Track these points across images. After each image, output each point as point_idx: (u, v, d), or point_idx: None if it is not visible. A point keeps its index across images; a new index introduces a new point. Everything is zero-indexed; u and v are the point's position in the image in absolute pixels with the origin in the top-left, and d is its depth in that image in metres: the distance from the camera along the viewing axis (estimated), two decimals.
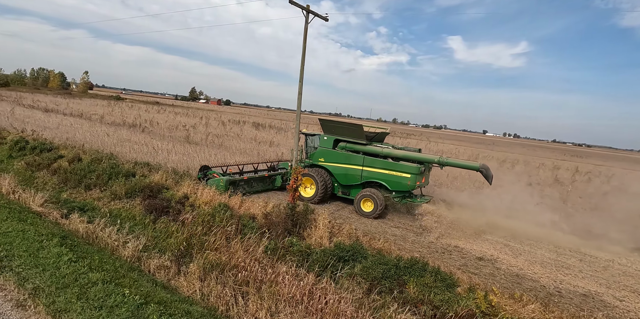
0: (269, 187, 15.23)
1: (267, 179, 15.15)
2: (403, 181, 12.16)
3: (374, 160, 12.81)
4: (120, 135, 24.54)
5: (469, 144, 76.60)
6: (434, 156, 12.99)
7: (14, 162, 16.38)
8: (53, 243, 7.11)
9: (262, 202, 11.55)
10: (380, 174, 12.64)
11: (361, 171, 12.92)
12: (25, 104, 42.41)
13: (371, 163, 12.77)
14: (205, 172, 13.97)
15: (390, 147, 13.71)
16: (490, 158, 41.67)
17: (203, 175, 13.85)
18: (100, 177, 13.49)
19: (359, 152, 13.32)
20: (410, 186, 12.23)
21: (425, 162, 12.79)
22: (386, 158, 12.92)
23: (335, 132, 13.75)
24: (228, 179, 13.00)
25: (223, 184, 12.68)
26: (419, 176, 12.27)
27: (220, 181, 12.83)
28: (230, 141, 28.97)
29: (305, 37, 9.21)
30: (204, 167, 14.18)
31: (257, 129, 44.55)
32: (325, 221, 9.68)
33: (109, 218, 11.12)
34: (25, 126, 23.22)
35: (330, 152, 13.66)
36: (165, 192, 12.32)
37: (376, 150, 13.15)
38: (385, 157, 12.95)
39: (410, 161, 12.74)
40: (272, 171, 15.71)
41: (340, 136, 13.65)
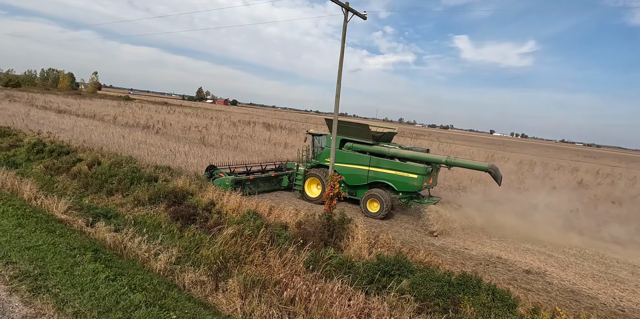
0: (276, 188, 15.12)
1: (274, 179, 15.02)
2: (410, 181, 11.95)
3: (381, 160, 12.58)
4: (136, 137, 24.24)
5: (480, 145, 75.67)
6: (441, 156, 12.67)
7: (32, 165, 16.08)
8: (87, 258, 6.69)
9: (292, 210, 11.07)
10: (387, 175, 12.41)
11: (368, 171, 12.73)
12: (38, 105, 42.41)
13: (378, 163, 12.55)
14: (211, 171, 13.94)
15: (397, 147, 13.45)
16: (506, 160, 40.90)
17: (210, 175, 13.82)
18: (122, 182, 13.10)
19: (366, 152, 13.11)
20: (417, 187, 11.97)
21: (432, 162, 12.54)
22: (393, 158, 12.70)
23: (342, 132, 13.46)
24: (233, 179, 12.94)
25: (228, 183, 12.62)
26: (426, 177, 12.03)
27: (225, 181, 12.79)
28: (245, 142, 28.60)
29: (344, 36, 8.72)
30: (211, 166, 14.16)
31: (268, 130, 44.15)
32: (363, 230, 9.16)
33: (134, 226, 10.75)
34: (40, 128, 23.01)
35: (337, 152, 13.41)
36: (191, 199, 11.89)
37: (383, 150, 12.90)
38: (392, 158, 12.73)
39: (417, 161, 12.50)
40: (280, 171, 15.61)
41: (347, 136, 13.43)
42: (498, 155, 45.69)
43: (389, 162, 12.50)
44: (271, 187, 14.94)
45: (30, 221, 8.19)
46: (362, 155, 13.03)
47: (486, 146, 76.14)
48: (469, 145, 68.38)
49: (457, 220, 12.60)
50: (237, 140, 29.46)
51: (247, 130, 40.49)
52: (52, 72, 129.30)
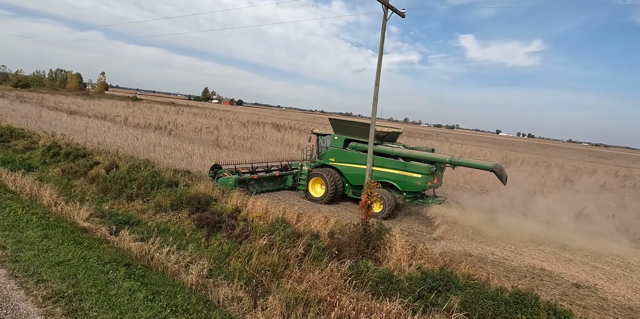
0: (280, 187, 15.13)
1: (278, 179, 15.03)
2: (414, 181, 11.87)
3: (385, 160, 12.51)
4: (149, 138, 23.91)
5: (489, 146, 74.74)
6: (445, 156, 12.51)
7: (48, 168, 15.77)
8: (120, 275, 6.28)
9: (321, 218, 10.59)
10: (391, 174, 12.36)
11: (371, 171, 12.41)
12: (49, 106, 42.35)
13: (382, 163, 12.48)
14: (216, 170, 13.97)
15: (402, 146, 13.33)
16: (521, 161, 40.16)
17: (214, 174, 13.84)
18: (142, 187, 12.72)
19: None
20: (421, 187, 11.87)
21: (436, 162, 12.38)
22: (397, 158, 12.60)
23: (346, 131, 13.50)
24: (237, 178, 12.97)
25: (232, 182, 12.71)
26: (430, 177, 11.93)
27: (229, 180, 12.85)
28: (258, 143, 28.20)
29: (383, 36, 8.25)
30: (215, 166, 14.15)
31: (278, 131, 43.72)
32: (402, 241, 8.67)
33: (157, 233, 10.35)
34: (54, 130, 22.76)
35: (341, 152, 13.45)
36: (215, 205, 11.48)
37: (387, 150, 12.82)
38: (396, 157, 12.63)
39: (421, 161, 12.36)
40: (285, 171, 15.63)
41: (351, 135, 13.39)
42: (512, 156, 44.90)
43: (393, 161, 12.42)
44: (275, 187, 14.94)
45: (56, 232, 7.80)
46: (365, 155, 12.63)
47: (496, 146, 75.22)
48: (479, 146, 67.55)
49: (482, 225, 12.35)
50: (250, 141, 29.06)
51: (258, 131, 40.10)
52: (61, 73, 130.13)
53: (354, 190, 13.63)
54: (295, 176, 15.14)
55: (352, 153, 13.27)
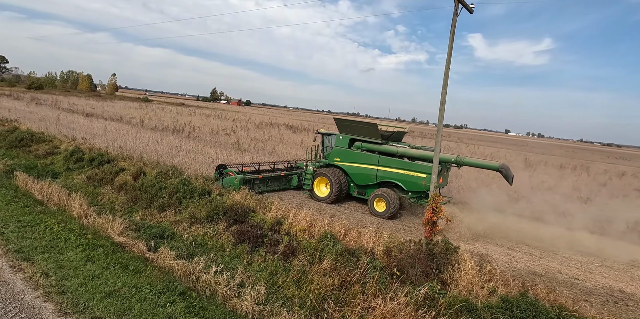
0: (285, 187, 15.08)
1: (283, 179, 14.97)
2: (419, 181, 11.80)
3: (390, 160, 12.49)
4: (169, 142, 23.35)
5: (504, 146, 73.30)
6: (451, 155, 12.36)
7: (72, 175, 15.21)
8: (179, 309, 5.59)
9: (372, 232, 9.79)
10: (396, 174, 12.32)
11: (376, 170, 12.67)
12: (64, 108, 42.15)
13: (387, 163, 12.46)
14: (221, 170, 13.89)
15: (407, 146, 13.27)
16: (545, 163, 39.01)
17: (219, 174, 13.77)
18: (174, 197, 12.06)
19: (375, 151, 13.03)
20: (426, 186, 11.62)
21: (442, 161, 12.10)
22: (402, 158, 12.58)
23: (351, 131, 13.50)
24: (242, 178, 12.95)
25: (237, 182, 12.68)
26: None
27: (234, 179, 12.84)
28: (278, 146, 27.51)
29: (453, 34, 7.46)
30: (220, 165, 14.10)
31: (294, 132, 43.06)
32: (472, 262, 7.84)
33: (194, 247, 9.67)
34: (73, 133, 22.29)
35: (346, 151, 13.44)
36: (253, 216, 10.76)
37: (392, 149, 12.79)
38: (401, 157, 12.61)
39: (427, 160, 12.19)
40: (290, 171, 15.59)
41: (356, 135, 13.39)
42: (534, 158, 43.71)
43: (398, 161, 12.38)
44: (280, 187, 14.89)
45: (97, 253, 7.13)
46: (370, 154, 12.94)
47: (510, 147, 73.66)
48: (495, 147, 66.14)
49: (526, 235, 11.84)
50: (269, 144, 28.40)
51: (274, 133, 39.44)
52: (72, 74, 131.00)
53: (359, 190, 13.65)
54: (300, 175, 15.09)
55: (357, 153, 13.21)
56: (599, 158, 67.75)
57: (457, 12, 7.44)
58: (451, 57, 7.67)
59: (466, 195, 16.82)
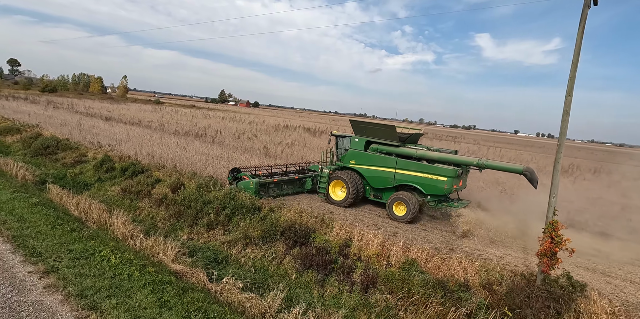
0: (299, 190, 14.80)
1: (297, 182, 14.72)
2: (439, 184, 11.51)
3: (408, 162, 12.17)
4: (196, 147, 22.40)
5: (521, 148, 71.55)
6: (472, 158, 11.99)
7: (105, 186, 14.29)
8: None
9: (463, 260, 8.56)
10: (414, 177, 12.00)
11: (394, 173, 12.35)
12: (80, 112, 41.56)
13: (405, 165, 12.17)
14: (235, 174, 13.52)
15: (425, 148, 12.96)
16: (576, 168, 37.45)
17: (233, 178, 13.43)
18: (221, 213, 11.03)
19: (392, 154, 12.67)
20: (447, 190, 11.54)
21: (462, 164, 11.99)
22: (420, 160, 12.22)
23: (367, 133, 13.20)
24: (258, 182, 12.66)
25: (253, 186, 12.40)
26: (455, 179, 11.59)
27: (250, 183, 12.55)
28: (305, 151, 26.45)
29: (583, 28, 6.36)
30: (234, 169, 13.73)
31: (313, 135, 42.02)
32: (603, 302, 6.63)
33: (253, 273, 8.63)
34: (97, 139, 21.43)
35: (362, 154, 13.09)
36: (316, 237, 9.68)
37: (410, 152, 12.42)
38: (419, 160, 12.26)
39: (446, 163, 11.93)
40: (303, 174, 15.37)
41: (372, 137, 13.08)
42: (563, 162, 42.00)
43: (417, 164, 12.04)
44: (295, 190, 14.61)
45: (169, 295, 6.07)
46: (388, 157, 12.57)
47: (528, 148, 71.78)
48: (515, 149, 64.42)
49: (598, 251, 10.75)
50: (294, 149, 27.37)
51: (295, 136, 38.43)
52: (84, 77, 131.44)
53: (375, 193, 13.34)
54: (314, 178, 14.81)
55: (373, 155, 12.86)
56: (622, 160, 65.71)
57: (589, 3, 6.35)
58: (579, 56, 6.55)
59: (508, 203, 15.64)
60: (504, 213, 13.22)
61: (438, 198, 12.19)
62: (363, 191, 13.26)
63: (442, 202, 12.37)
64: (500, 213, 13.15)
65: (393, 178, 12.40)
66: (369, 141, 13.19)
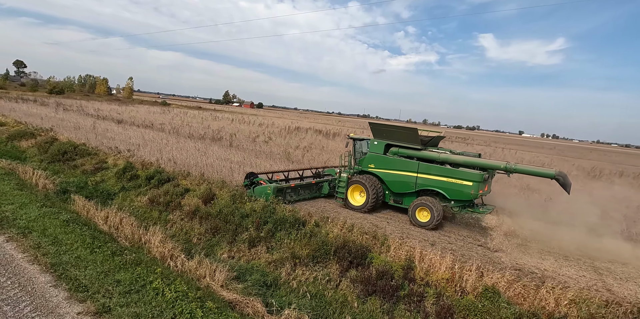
0: (316, 195, 14.39)
1: (314, 187, 14.31)
2: (464, 189, 11.09)
3: (431, 166, 11.78)
4: (215, 152, 21.57)
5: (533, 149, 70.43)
6: (500, 162, 11.54)
7: (130, 196, 13.44)
8: None
9: (555, 288, 7.59)
10: (438, 182, 11.59)
11: (416, 178, 12.00)
12: (91, 114, 40.86)
13: (427, 170, 11.79)
14: (251, 179, 13.14)
15: (448, 152, 12.52)
16: (599, 171, 36.35)
17: (249, 182, 13.07)
18: (262, 228, 10.15)
19: (413, 157, 12.32)
20: (473, 195, 11.12)
21: (489, 168, 11.55)
22: (443, 164, 11.82)
23: (387, 136, 12.85)
24: (275, 187, 12.23)
25: (270, 191, 11.99)
26: (482, 184, 11.16)
27: (267, 189, 12.14)
28: (326, 155, 25.52)
29: None
30: (250, 174, 13.34)
31: (327, 138, 41.16)
32: None
33: (309, 300, 7.74)
34: (114, 144, 20.63)
35: (381, 157, 12.76)
36: (374, 258, 8.77)
37: (432, 155, 12.00)
38: (442, 163, 11.85)
39: (471, 167, 11.49)
40: (318, 178, 15.10)
41: (392, 140, 12.73)
42: (585, 164, 40.96)
43: (440, 168, 11.62)
44: (311, 195, 14.19)
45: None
46: (409, 161, 12.23)
47: (540, 150, 70.62)
48: (527, 150, 63.27)
49: None
50: (313, 153, 26.46)
51: (309, 139, 37.57)
52: (89, 78, 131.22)
53: (395, 198, 12.92)
54: (331, 182, 14.42)
55: (393, 159, 12.53)
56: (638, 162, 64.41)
57: None
58: None
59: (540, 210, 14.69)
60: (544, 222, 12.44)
61: (462, 204, 11.77)
62: (383, 195, 12.95)
63: (467, 207, 11.90)
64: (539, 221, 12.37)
65: (415, 183, 12.08)
66: (389, 144, 12.85)
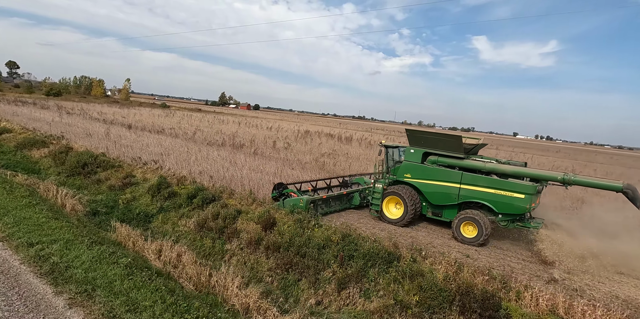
0: (346, 206, 13.59)
1: (345, 197, 13.54)
2: (515, 202, 10.29)
3: (476, 177, 10.97)
4: (242, 161, 19.80)
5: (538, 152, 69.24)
6: (556, 173, 10.74)
7: (171, 218, 11.69)
8: None
9: None
10: (485, 194, 10.77)
11: (458, 189, 11.18)
12: (95, 118, 38.85)
13: (472, 180, 10.97)
14: (280, 190, 12.42)
15: (494, 161, 11.80)
16: (619, 176, 35.15)
17: (278, 194, 12.38)
18: (348, 265, 8.49)
19: (455, 167, 11.53)
20: (526, 209, 10.32)
21: (542, 180, 10.73)
22: (489, 174, 11.07)
23: (425, 144, 12.10)
24: (308, 199, 11.46)
25: (303, 204, 11.28)
26: (534, 197, 10.46)
27: (299, 201, 11.42)
28: (352, 163, 23.84)
29: None
30: (279, 185, 12.63)
31: (342, 143, 39.50)
32: None
33: None
34: (136, 154, 18.78)
35: (419, 167, 11.98)
36: (510, 310, 7.11)
37: (478, 165, 11.18)
38: (487, 174, 11.07)
39: (520, 177, 10.82)
40: (346, 187, 14.55)
41: (432, 148, 11.97)
42: (601, 168, 39.78)
43: (487, 179, 10.85)
44: (342, 206, 13.39)
45: None
46: (451, 171, 11.41)
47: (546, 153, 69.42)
48: (537, 154, 61.99)
49: None
50: (340, 160, 24.73)
51: (328, 144, 35.81)
52: (85, 80, 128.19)
53: (434, 210, 12.15)
54: (361, 192, 13.80)
55: (432, 168, 11.75)
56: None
57: None
58: None
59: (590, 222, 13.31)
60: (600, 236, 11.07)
61: (511, 217, 10.82)
62: (420, 208, 12.13)
63: (517, 221, 10.95)
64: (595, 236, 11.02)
65: (457, 194, 11.25)
66: (427, 153, 12.07)
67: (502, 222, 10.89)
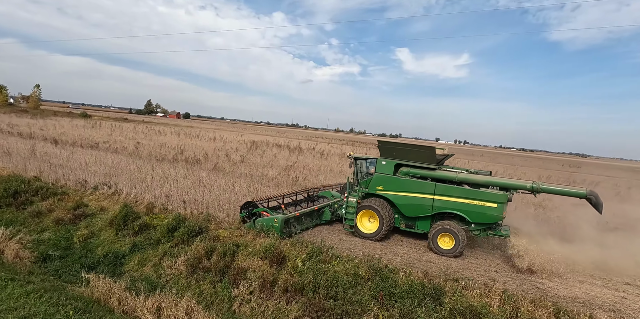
0: (317, 222, 13.06)
1: (316, 213, 13.06)
2: (488, 211, 10.49)
3: (449, 188, 11.05)
4: (205, 179, 17.67)
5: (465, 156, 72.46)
6: (525, 181, 11.07)
7: (149, 258, 9.54)
8: None
9: None
10: (458, 204, 10.88)
11: (432, 200, 11.19)
12: (4, 131, 32.94)
13: (445, 191, 11.04)
14: (250, 210, 11.57)
15: (465, 171, 12.08)
16: (595, 183, 38.50)
17: (248, 214, 11.51)
18: (389, 305, 7.41)
19: (427, 178, 11.53)
20: (499, 218, 10.55)
21: (512, 188, 10.94)
22: (461, 184, 11.23)
23: (397, 155, 11.97)
24: (283, 218, 10.70)
25: (278, 224, 10.50)
26: (505, 205, 10.68)
27: (273, 221, 10.59)
28: (321, 176, 22.88)
29: None
30: (248, 203, 11.72)
31: (296, 154, 38.28)
32: None
33: None
34: (69, 173, 15.66)
35: (391, 179, 11.81)
36: None
37: (450, 175, 11.29)
38: (459, 184, 11.24)
39: (491, 187, 10.99)
40: (312, 202, 13.93)
41: (404, 159, 11.89)
42: (526, 171, 43.40)
43: (460, 189, 10.97)
44: (313, 223, 12.82)
45: None
46: (424, 182, 11.37)
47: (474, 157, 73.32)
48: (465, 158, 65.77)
49: None
50: (305, 173, 23.59)
51: (283, 156, 34.32)
52: None
53: (406, 222, 12.06)
54: (331, 207, 13.38)
55: (405, 180, 11.63)
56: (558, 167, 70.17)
57: None
58: None
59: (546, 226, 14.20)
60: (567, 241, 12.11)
61: (484, 227, 11.04)
62: (394, 220, 11.97)
63: (488, 230, 11.19)
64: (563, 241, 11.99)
65: (431, 206, 11.22)
66: (399, 164, 11.93)
67: (475, 231, 11.11)
